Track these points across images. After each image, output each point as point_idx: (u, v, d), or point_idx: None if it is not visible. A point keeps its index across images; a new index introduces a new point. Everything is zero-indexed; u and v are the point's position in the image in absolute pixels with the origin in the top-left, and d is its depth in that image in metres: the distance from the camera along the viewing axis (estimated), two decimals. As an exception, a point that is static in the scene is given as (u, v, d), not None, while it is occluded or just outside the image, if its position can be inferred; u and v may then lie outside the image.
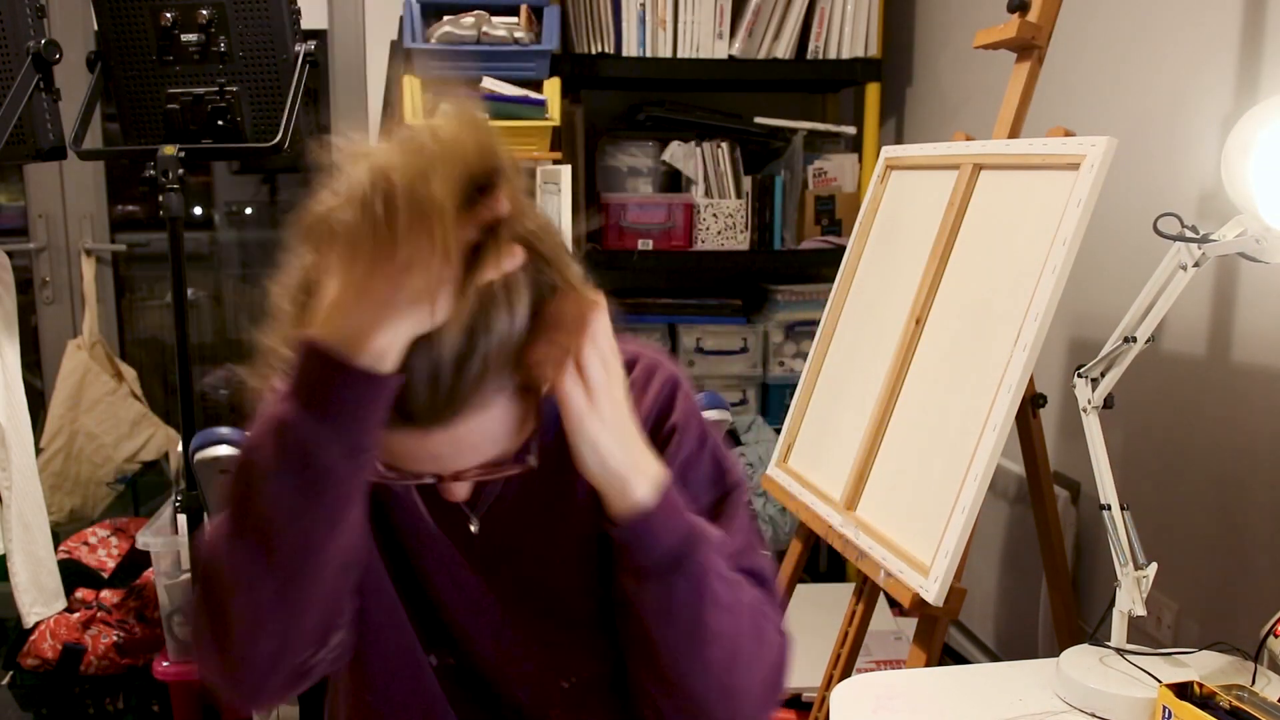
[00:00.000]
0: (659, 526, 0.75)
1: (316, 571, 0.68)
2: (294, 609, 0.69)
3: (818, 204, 2.62)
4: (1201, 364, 1.65)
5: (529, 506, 0.87)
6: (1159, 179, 1.74)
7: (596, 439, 0.72)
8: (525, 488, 0.85)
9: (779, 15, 2.53)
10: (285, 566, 0.67)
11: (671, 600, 0.76)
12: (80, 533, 2.47)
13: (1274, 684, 1.24)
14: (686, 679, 0.78)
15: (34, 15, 1.70)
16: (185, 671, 2.06)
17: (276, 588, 0.68)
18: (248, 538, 0.68)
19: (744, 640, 0.80)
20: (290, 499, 0.66)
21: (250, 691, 0.73)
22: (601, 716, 0.90)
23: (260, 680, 0.71)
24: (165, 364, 3.07)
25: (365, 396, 0.64)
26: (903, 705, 1.24)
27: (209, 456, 1.28)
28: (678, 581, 0.75)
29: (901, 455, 1.57)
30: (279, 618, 0.69)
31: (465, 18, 2.36)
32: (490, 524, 0.86)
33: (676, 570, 0.75)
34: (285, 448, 0.65)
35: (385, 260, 0.62)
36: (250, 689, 0.72)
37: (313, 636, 0.72)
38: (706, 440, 0.88)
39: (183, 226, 1.73)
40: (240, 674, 0.71)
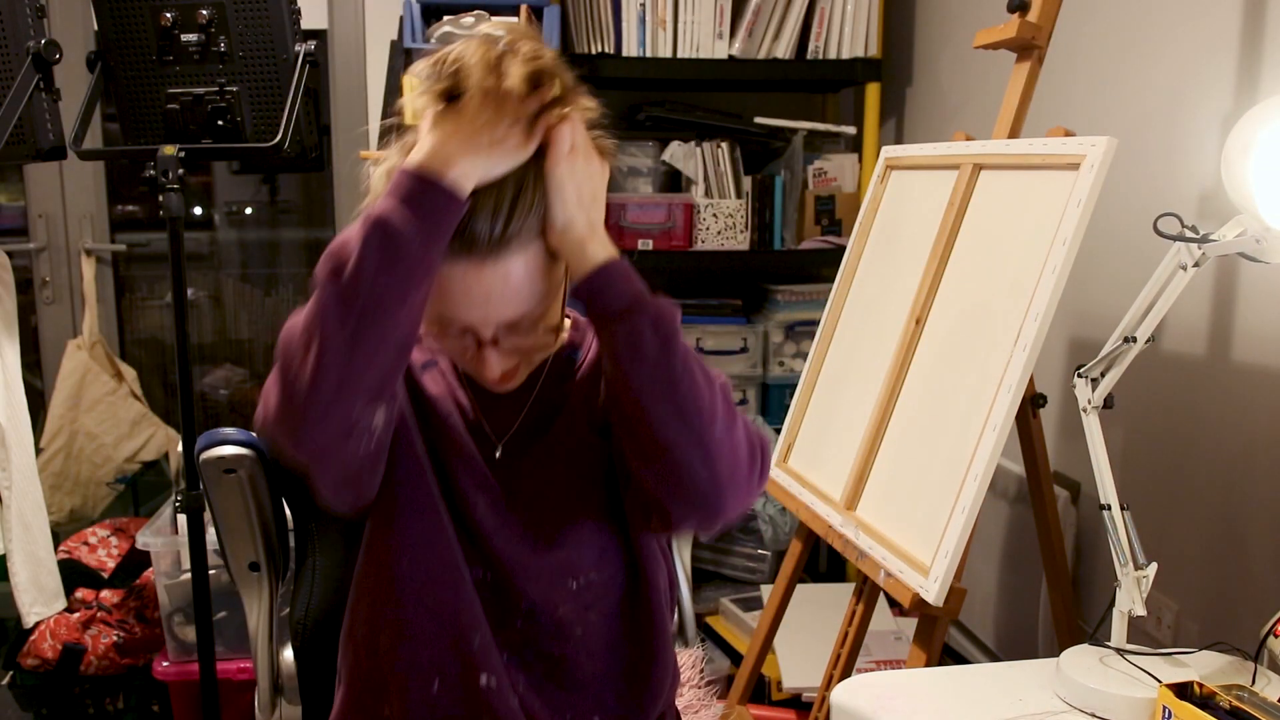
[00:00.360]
0: (617, 277, 0.91)
1: (382, 331, 0.84)
2: (357, 357, 0.84)
3: (818, 204, 2.62)
4: (1201, 364, 1.65)
5: (540, 438, 1.05)
6: (1159, 179, 1.74)
7: (563, 184, 0.90)
8: (537, 422, 1.05)
9: (779, 15, 2.53)
10: (359, 319, 0.83)
11: (639, 339, 0.88)
12: (80, 533, 2.47)
13: (1274, 684, 1.24)
14: (664, 430, 0.88)
15: (34, 15, 1.70)
16: (185, 671, 2.06)
17: (348, 335, 0.83)
18: (330, 300, 0.84)
19: (715, 400, 0.90)
20: (374, 266, 0.83)
21: (306, 428, 0.85)
22: (600, 612, 1.04)
23: (318, 418, 0.84)
24: (165, 364, 3.07)
25: (443, 204, 0.85)
26: (903, 705, 1.24)
27: (214, 456, 1.27)
28: (642, 320, 0.89)
29: (901, 455, 1.57)
30: (344, 362, 0.84)
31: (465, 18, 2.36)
32: (510, 450, 1.05)
33: (640, 310, 0.89)
34: (377, 229, 0.84)
35: (472, 117, 0.85)
36: (307, 427, 0.85)
37: (367, 393, 0.86)
38: None
39: (183, 226, 1.73)
40: (301, 412, 0.84)
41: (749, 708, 1.99)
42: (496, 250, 0.89)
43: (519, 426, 1.06)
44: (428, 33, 2.39)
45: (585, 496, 1.04)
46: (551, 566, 1.02)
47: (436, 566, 1.01)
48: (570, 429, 1.05)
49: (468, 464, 1.03)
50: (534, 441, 1.06)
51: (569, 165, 0.91)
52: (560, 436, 1.05)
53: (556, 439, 1.05)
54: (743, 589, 2.53)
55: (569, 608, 1.03)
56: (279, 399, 0.86)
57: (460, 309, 0.92)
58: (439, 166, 0.85)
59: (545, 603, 1.02)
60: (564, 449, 1.05)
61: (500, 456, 1.05)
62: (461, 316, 0.92)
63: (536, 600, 1.02)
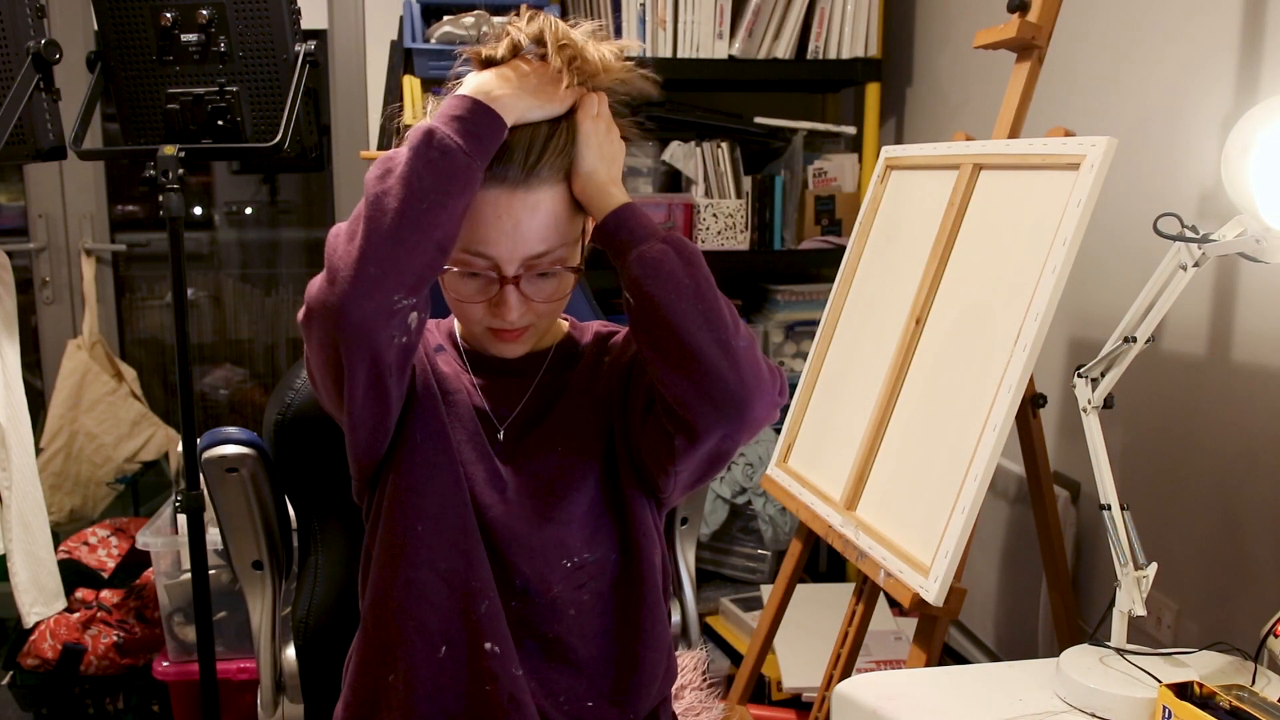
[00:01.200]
0: (638, 213, 0.99)
1: (424, 227, 0.92)
2: (401, 247, 0.91)
3: (818, 204, 2.62)
4: (1201, 364, 1.65)
5: (540, 422, 1.10)
6: (1159, 179, 1.74)
7: (589, 137, 1.01)
8: (538, 408, 1.10)
9: (779, 15, 2.53)
10: (403, 212, 0.91)
11: (663, 257, 0.95)
12: (80, 533, 2.47)
13: (1274, 684, 1.24)
14: (691, 337, 0.92)
15: (34, 15, 1.70)
16: (185, 671, 2.06)
17: (392, 225, 0.91)
18: (379, 194, 0.92)
19: (736, 317, 0.95)
20: (421, 166, 0.92)
21: (349, 304, 0.91)
22: (593, 592, 1.07)
23: (361, 294, 0.91)
24: (165, 364, 3.07)
25: (488, 122, 0.95)
26: (903, 705, 1.24)
27: (216, 455, 1.29)
28: (663, 244, 0.96)
29: (901, 455, 1.57)
30: (389, 249, 0.91)
31: (465, 18, 2.36)
32: (511, 434, 1.10)
33: (660, 237, 0.97)
34: (427, 136, 0.93)
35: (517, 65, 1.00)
36: (350, 302, 0.91)
37: (405, 283, 0.92)
38: None
39: (183, 226, 1.73)
40: (346, 289, 0.91)
41: (749, 708, 1.99)
42: (527, 181, 0.98)
43: (521, 411, 1.11)
44: (428, 33, 2.39)
45: (581, 479, 1.07)
46: (545, 545, 1.05)
47: (451, 531, 1.04)
48: (569, 414, 1.10)
49: (472, 440, 1.08)
50: (534, 426, 1.10)
51: (594, 124, 1.01)
52: (560, 421, 1.10)
53: (556, 423, 1.10)
54: (743, 589, 2.54)
55: (563, 587, 1.06)
56: (324, 282, 0.93)
57: (489, 239, 0.99)
58: (489, 97, 0.96)
59: (539, 581, 1.05)
60: (562, 433, 1.09)
61: (503, 440, 1.09)
62: (490, 247, 0.99)
63: (530, 578, 1.05)
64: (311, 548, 1.34)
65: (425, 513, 1.04)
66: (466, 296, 1.03)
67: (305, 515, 1.35)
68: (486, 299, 1.03)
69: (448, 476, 1.05)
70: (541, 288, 1.03)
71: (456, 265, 1.01)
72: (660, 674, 1.12)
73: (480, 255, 1.00)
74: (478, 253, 1.00)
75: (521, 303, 1.02)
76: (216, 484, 1.30)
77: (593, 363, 1.13)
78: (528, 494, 1.07)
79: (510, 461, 1.08)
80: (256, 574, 1.35)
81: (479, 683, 1.03)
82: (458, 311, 1.08)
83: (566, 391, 1.11)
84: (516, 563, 1.05)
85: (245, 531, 1.34)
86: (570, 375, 1.12)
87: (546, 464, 1.08)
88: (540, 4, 2.41)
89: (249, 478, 1.30)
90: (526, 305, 1.03)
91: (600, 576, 1.07)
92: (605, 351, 1.14)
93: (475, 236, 0.99)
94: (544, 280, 1.03)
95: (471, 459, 1.08)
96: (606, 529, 1.08)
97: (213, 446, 1.29)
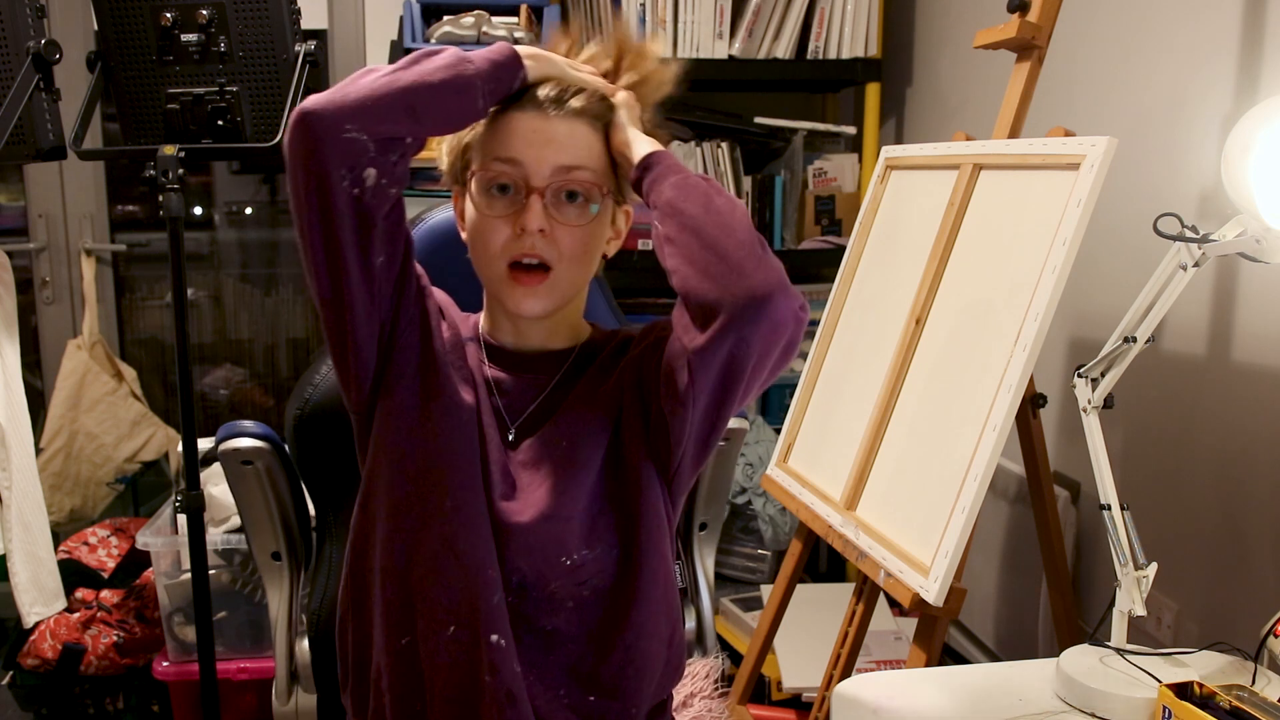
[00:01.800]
0: (667, 157, 1.05)
1: (420, 108, 0.97)
2: (391, 94, 0.96)
3: (818, 204, 2.62)
4: (1201, 364, 1.65)
5: (547, 418, 1.10)
6: (1159, 179, 1.74)
7: (623, 120, 1.08)
8: (549, 409, 1.10)
9: (779, 15, 2.53)
10: (404, 84, 0.97)
11: (686, 181, 1.01)
12: (80, 533, 2.47)
13: (1274, 684, 1.24)
14: (717, 242, 0.97)
15: (34, 15, 1.70)
16: (185, 671, 2.06)
17: (394, 80, 0.97)
18: (397, 64, 0.99)
19: (756, 235, 0.99)
20: (440, 61, 0.99)
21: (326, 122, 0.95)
22: (591, 589, 1.07)
23: (337, 118, 0.95)
24: (165, 364, 3.07)
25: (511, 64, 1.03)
26: (903, 705, 1.24)
27: (230, 448, 1.33)
28: (687, 174, 1.03)
29: (901, 455, 1.57)
30: (372, 94, 0.96)
31: (465, 18, 2.36)
32: (521, 433, 1.10)
33: (684, 169, 1.03)
34: (454, 51, 1.01)
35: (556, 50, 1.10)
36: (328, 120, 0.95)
37: (379, 125, 0.96)
38: None
39: (183, 226, 1.73)
40: (329, 108, 0.95)
41: (749, 708, 1.99)
42: (562, 110, 1.04)
43: (534, 411, 1.11)
44: (428, 33, 2.39)
45: (582, 474, 1.07)
46: (544, 543, 1.05)
47: (471, 515, 1.04)
48: (577, 413, 1.10)
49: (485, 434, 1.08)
50: (542, 424, 1.10)
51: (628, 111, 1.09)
52: (566, 418, 1.10)
53: (562, 421, 1.10)
54: (743, 589, 2.54)
55: (560, 583, 1.06)
56: (318, 104, 0.96)
57: (520, 145, 1.03)
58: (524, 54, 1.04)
59: (536, 577, 1.05)
60: (568, 431, 1.09)
61: (513, 438, 1.10)
62: (519, 152, 1.03)
63: (527, 574, 1.05)
64: (327, 540, 1.36)
65: (451, 494, 1.04)
66: (495, 211, 1.04)
67: (322, 508, 1.36)
68: (510, 214, 1.03)
69: (470, 461, 1.06)
70: (567, 211, 1.04)
71: (484, 174, 1.04)
72: (660, 667, 1.12)
73: (509, 161, 1.03)
74: (507, 158, 1.03)
75: (545, 219, 1.02)
76: (234, 476, 1.34)
77: (608, 361, 1.13)
78: (529, 494, 1.07)
79: (516, 459, 1.09)
80: (276, 565, 1.37)
81: (479, 671, 1.03)
82: (482, 249, 1.06)
83: (575, 391, 1.11)
84: (513, 559, 1.05)
85: (263, 523, 1.36)
86: (584, 377, 1.13)
87: (550, 462, 1.08)
88: (541, 4, 2.41)
89: (264, 470, 1.33)
90: (551, 227, 1.03)
91: (601, 573, 1.07)
92: (622, 351, 1.14)
93: (506, 144, 1.03)
94: (570, 205, 1.04)
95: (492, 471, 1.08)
96: (607, 524, 1.08)
97: (228, 439, 1.33)
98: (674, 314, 1.03)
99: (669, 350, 1.02)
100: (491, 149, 1.04)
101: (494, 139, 1.05)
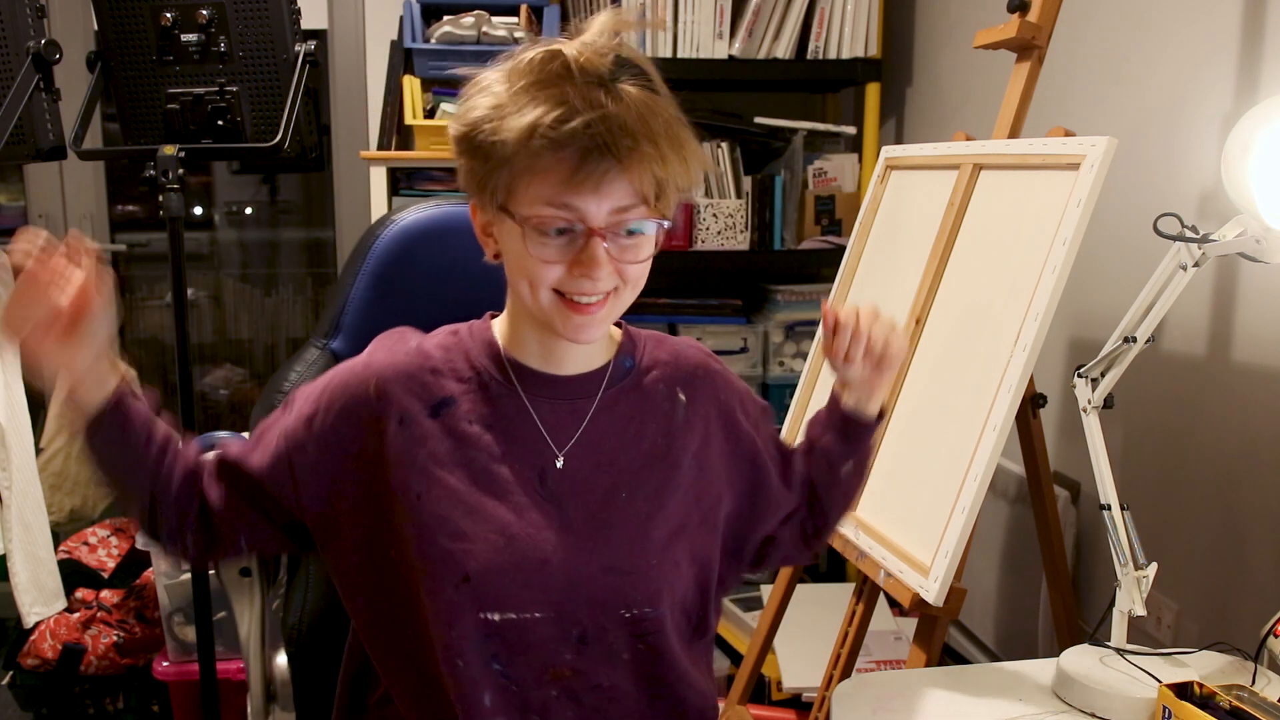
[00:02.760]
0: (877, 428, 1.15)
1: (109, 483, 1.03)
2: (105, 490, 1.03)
3: (818, 204, 2.62)
4: (1201, 364, 1.65)
5: (603, 450, 1.02)
6: (1159, 179, 1.74)
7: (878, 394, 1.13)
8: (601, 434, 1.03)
9: (779, 15, 2.53)
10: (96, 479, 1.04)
11: (867, 457, 1.18)
12: (80, 533, 2.47)
13: (1274, 684, 1.24)
14: (843, 507, 1.19)
15: (34, 15, 1.70)
16: (185, 671, 2.06)
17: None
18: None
19: None
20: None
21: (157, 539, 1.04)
22: (650, 644, 1.02)
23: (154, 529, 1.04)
24: (165, 364, 3.07)
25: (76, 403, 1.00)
26: (903, 705, 1.24)
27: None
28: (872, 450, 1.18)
29: (901, 455, 1.57)
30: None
31: (465, 18, 2.36)
32: (572, 462, 1.01)
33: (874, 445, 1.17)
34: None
35: None
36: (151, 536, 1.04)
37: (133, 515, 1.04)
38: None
39: (183, 226, 1.73)
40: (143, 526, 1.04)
41: (749, 708, 1.99)
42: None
43: (582, 436, 1.03)
44: (428, 33, 2.39)
45: (655, 525, 1.01)
46: (605, 593, 0.99)
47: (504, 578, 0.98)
48: (637, 444, 1.04)
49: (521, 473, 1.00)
50: (597, 453, 1.03)
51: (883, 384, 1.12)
52: (627, 450, 1.03)
53: (622, 452, 1.03)
54: (743, 589, 2.53)
55: (618, 635, 1.00)
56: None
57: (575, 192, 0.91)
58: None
59: (596, 630, 1.00)
60: (630, 465, 1.03)
61: (562, 466, 1.02)
62: (576, 199, 0.91)
63: (588, 628, 1.00)
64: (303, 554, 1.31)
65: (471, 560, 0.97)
66: (546, 257, 0.93)
67: None
68: (568, 258, 0.94)
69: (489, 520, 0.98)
70: (626, 248, 0.95)
71: (538, 221, 0.92)
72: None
73: (565, 207, 0.92)
74: (562, 204, 0.92)
75: (608, 261, 0.94)
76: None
77: (659, 385, 1.07)
78: (588, 533, 1.00)
79: (567, 494, 1.01)
80: (245, 581, 1.28)
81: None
82: (529, 279, 0.95)
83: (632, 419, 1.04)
84: (575, 614, 0.99)
85: None
86: (633, 399, 1.05)
87: (612, 501, 1.01)
88: (541, 4, 2.41)
89: None
90: (612, 265, 0.95)
91: (659, 630, 1.01)
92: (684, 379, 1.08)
93: (561, 190, 0.91)
94: (630, 239, 0.95)
95: (519, 495, 1.00)
96: (676, 580, 1.03)
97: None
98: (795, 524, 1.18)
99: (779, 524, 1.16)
100: (539, 191, 0.92)
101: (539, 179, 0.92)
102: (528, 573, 0.98)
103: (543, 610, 0.98)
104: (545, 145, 0.89)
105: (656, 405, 1.06)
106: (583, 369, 1.04)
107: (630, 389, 1.06)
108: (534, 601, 0.98)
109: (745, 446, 1.10)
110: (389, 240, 1.32)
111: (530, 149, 0.90)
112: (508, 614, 0.97)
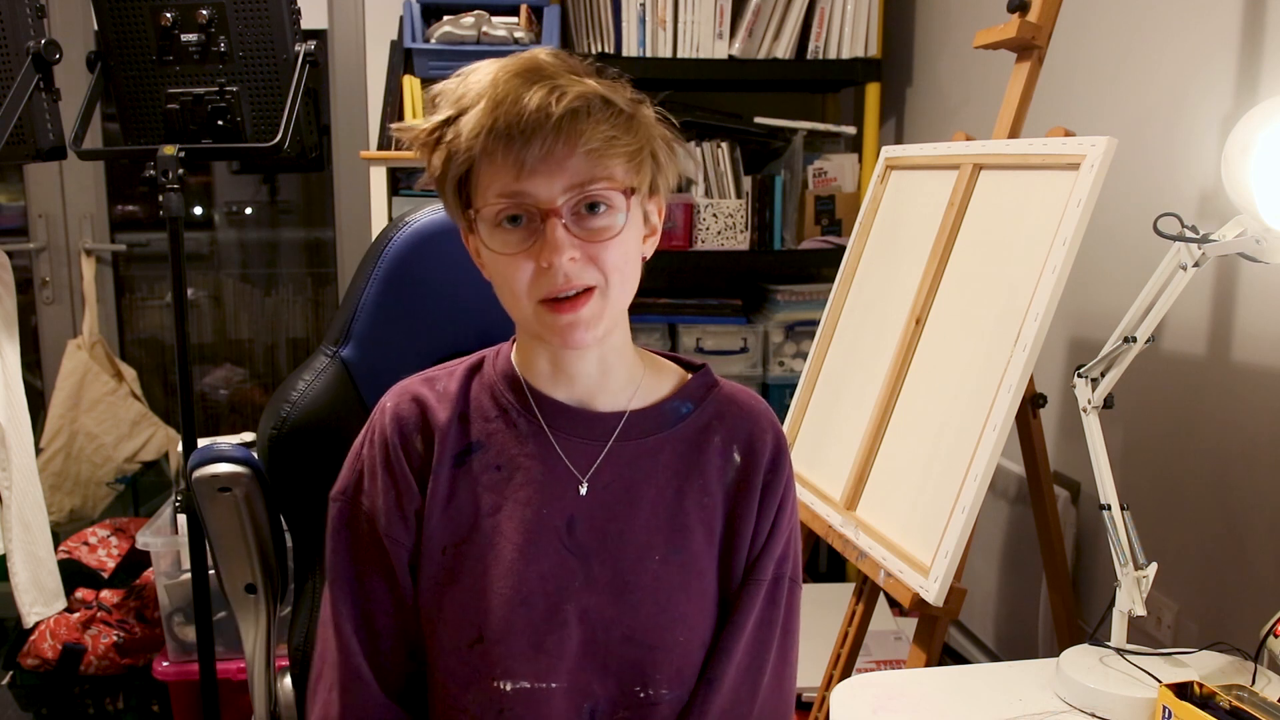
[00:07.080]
0: None
1: None
2: None
3: (818, 204, 2.62)
4: (1201, 364, 1.65)
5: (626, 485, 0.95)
6: (1159, 179, 1.74)
7: None
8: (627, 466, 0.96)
9: (779, 15, 2.53)
10: None
11: None
12: (80, 533, 2.47)
13: (1274, 684, 1.24)
14: None
15: (34, 15, 1.70)
16: (185, 671, 2.06)
17: None
18: None
19: None
20: None
21: None
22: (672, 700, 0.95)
23: None
24: (165, 364, 3.07)
25: None
26: (903, 705, 1.24)
27: (207, 474, 1.18)
28: None
29: (901, 455, 1.57)
30: None
31: (465, 18, 2.36)
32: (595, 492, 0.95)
33: None
34: None
35: None
36: None
37: None
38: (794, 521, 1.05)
39: (183, 226, 1.73)
40: None
41: (749, 708, 1.99)
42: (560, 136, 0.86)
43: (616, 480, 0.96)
44: (428, 33, 2.39)
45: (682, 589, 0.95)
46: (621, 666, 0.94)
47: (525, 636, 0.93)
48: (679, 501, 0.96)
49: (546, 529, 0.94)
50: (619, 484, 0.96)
51: None
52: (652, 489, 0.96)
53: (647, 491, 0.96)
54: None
55: (627, 715, 0.95)
56: None
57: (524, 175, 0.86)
58: None
59: (609, 706, 0.94)
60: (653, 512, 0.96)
61: (585, 494, 0.95)
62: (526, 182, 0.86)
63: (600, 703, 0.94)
64: (309, 571, 1.25)
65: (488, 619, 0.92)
66: (510, 248, 0.88)
67: (301, 535, 1.24)
68: (530, 248, 0.87)
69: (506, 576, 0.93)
70: (592, 228, 0.88)
71: (493, 213, 0.87)
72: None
73: (516, 195, 0.86)
74: (512, 192, 0.86)
75: (571, 242, 0.86)
76: (208, 503, 1.20)
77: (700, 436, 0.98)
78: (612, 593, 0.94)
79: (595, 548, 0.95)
80: (250, 598, 1.24)
81: None
82: (509, 288, 0.90)
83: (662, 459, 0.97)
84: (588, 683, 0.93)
85: (238, 553, 1.22)
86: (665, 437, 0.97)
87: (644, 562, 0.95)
88: (541, 4, 2.41)
89: (243, 498, 1.19)
90: (579, 250, 0.87)
91: (672, 710, 0.96)
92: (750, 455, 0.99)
93: (511, 180, 0.86)
94: (595, 217, 0.88)
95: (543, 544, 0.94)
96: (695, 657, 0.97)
97: (204, 465, 1.19)
98: None
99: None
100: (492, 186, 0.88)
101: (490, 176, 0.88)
102: (543, 634, 0.92)
103: (558, 680, 0.92)
104: (492, 140, 0.85)
105: (708, 460, 0.98)
106: (619, 406, 0.97)
107: (680, 438, 0.97)
108: (549, 670, 0.92)
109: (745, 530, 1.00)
110: (402, 243, 1.25)
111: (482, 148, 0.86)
112: (520, 683, 0.92)
